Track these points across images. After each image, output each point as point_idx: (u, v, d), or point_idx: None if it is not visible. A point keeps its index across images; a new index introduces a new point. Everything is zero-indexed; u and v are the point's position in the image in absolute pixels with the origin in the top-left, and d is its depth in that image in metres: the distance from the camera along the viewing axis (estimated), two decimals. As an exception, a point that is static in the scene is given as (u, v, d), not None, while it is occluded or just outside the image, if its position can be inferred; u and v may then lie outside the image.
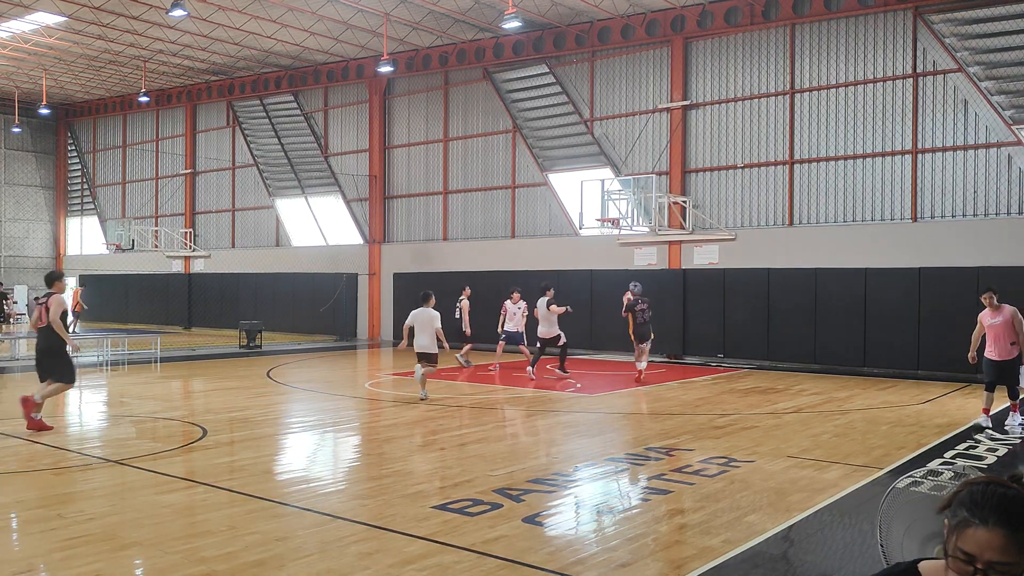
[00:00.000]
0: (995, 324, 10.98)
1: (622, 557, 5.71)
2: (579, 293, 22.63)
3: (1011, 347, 10.90)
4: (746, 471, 8.38)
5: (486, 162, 26.19)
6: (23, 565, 5.48)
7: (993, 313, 11.04)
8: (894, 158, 19.25)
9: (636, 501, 7.48)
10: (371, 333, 28.45)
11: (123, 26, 25.29)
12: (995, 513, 1.86)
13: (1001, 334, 10.93)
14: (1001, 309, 11.00)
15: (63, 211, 40.48)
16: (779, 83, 20.75)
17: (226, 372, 17.84)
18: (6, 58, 29.50)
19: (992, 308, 11.05)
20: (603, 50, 23.47)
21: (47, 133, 39.92)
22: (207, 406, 13.07)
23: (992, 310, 11.05)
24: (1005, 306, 11.05)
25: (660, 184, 21.65)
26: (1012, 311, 10.96)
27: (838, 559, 5.90)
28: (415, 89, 27.78)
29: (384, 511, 6.80)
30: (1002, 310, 10.99)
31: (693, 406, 13.24)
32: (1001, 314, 10.96)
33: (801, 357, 19.44)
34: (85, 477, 8.10)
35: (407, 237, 28.23)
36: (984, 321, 11.12)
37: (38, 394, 10.46)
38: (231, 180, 33.35)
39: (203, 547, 5.78)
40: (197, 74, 31.98)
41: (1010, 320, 10.89)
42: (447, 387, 15.21)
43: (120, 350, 20.96)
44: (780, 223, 20.78)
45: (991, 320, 11.03)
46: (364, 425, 11.76)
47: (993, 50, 18.08)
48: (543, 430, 11.20)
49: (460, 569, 5.38)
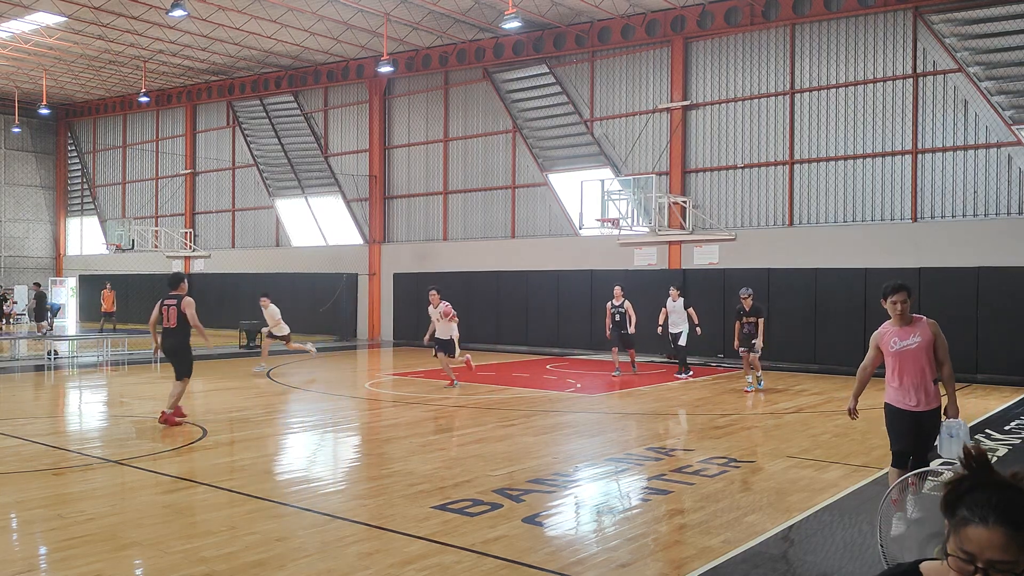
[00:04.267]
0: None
1: (622, 557, 5.71)
2: (579, 293, 22.65)
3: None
4: (746, 471, 8.38)
5: (486, 162, 26.19)
6: (23, 565, 5.48)
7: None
8: (894, 158, 19.25)
9: (636, 501, 7.48)
10: (371, 333, 28.44)
11: (123, 26, 25.29)
12: (995, 512, 1.86)
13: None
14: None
15: (63, 211, 40.48)
16: (779, 83, 20.75)
17: (226, 372, 17.84)
18: (6, 58, 29.50)
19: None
20: (603, 50, 23.47)
21: (47, 133, 39.92)
22: (207, 406, 13.06)
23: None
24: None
25: (660, 184, 21.65)
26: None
27: (838, 559, 5.90)
28: (415, 89, 27.78)
29: (384, 511, 6.79)
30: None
31: (693, 406, 13.24)
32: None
33: (801, 357, 19.43)
34: (85, 477, 8.10)
35: (407, 237, 28.23)
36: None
37: (168, 406, 10.96)
38: (231, 180, 33.35)
39: (203, 547, 5.78)
40: (197, 74, 31.98)
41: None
42: (447, 387, 15.19)
43: (120, 350, 20.96)
44: (780, 223, 20.78)
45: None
46: (364, 425, 11.76)
47: (993, 50, 18.08)
48: (543, 430, 11.19)
49: (460, 569, 5.38)
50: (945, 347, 6.44)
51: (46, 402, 14.26)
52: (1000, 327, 17.03)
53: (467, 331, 23.81)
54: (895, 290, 6.31)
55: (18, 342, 20.81)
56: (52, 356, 19.87)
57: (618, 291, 17.25)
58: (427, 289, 16.17)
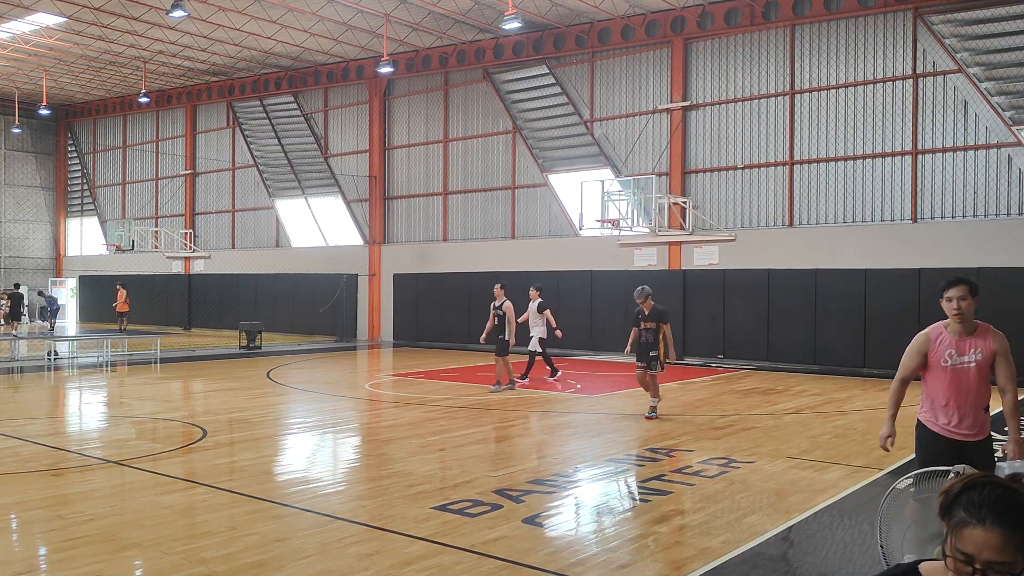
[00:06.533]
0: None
1: (622, 558, 5.71)
2: (579, 294, 22.64)
3: None
4: (746, 472, 8.38)
5: (486, 163, 26.20)
6: (23, 566, 5.48)
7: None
8: (894, 159, 19.25)
9: (636, 502, 7.48)
10: (371, 334, 28.44)
11: (123, 27, 25.29)
12: (992, 513, 1.87)
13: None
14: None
15: (63, 212, 40.47)
16: (779, 84, 20.75)
17: (226, 373, 17.84)
18: (6, 59, 29.51)
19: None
20: (603, 51, 23.47)
21: (47, 134, 39.92)
22: (207, 407, 13.06)
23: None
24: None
25: (660, 185, 21.66)
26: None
27: (838, 560, 5.90)
28: (415, 90, 27.78)
29: (384, 512, 6.80)
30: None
31: (693, 407, 13.24)
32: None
33: (801, 358, 19.43)
34: (85, 478, 8.10)
35: (407, 238, 28.23)
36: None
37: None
38: (231, 181, 33.35)
39: (203, 548, 5.78)
40: (197, 75, 31.98)
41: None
42: (447, 388, 15.20)
43: (120, 351, 20.96)
44: (780, 224, 20.78)
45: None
46: (364, 426, 11.76)
47: (993, 51, 18.08)
48: (543, 431, 11.19)
49: (460, 570, 5.38)
50: (1011, 371, 4.91)
51: (46, 402, 14.25)
52: (1000, 327, 16.84)
53: (468, 332, 23.82)
54: (952, 284, 4.82)
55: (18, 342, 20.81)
56: (52, 356, 19.87)
57: (498, 290, 15.01)
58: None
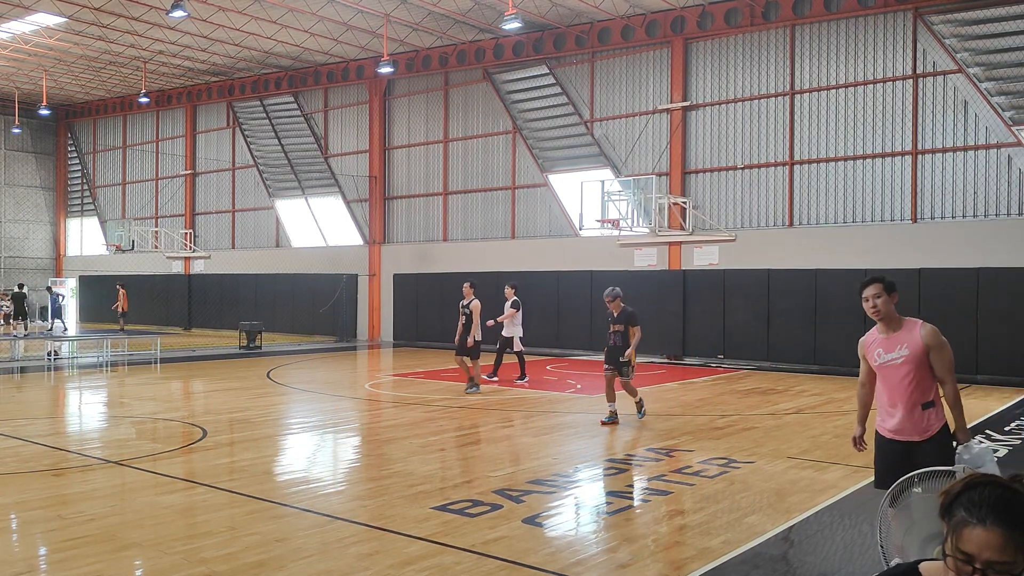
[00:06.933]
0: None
1: (622, 558, 5.71)
2: (579, 294, 22.63)
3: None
4: (746, 472, 8.38)
5: (486, 163, 26.20)
6: (23, 566, 5.48)
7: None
8: (894, 159, 19.26)
9: (636, 502, 7.48)
10: (371, 334, 28.44)
11: (123, 27, 25.30)
12: (992, 512, 1.87)
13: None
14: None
15: (63, 212, 40.48)
16: (779, 84, 20.75)
17: (226, 373, 17.84)
18: (6, 59, 29.51)
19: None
20: (603, 51, 23.48)
21: (47, 134, 39.92)
22: (207, 407, 13.07)
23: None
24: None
25: (660, 185, 21.66)
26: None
27: (838, 560, 5.90)
28: (415, 90, 27.78)
29: (384, 512, 6.80)
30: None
31: (693, 407, 13.24)
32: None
33: (801, 358, 19.43)
34: (85, 478, 8.10)
35: (407, 238, 28.24)
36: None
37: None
38: (231, 181, 33.36)
39: (203, 548, 5.78)
40: (197, 75, 31.99)
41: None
42: (447, 388, 15.20)
43: (120, 351, 20.96)
44: (780, 224, 20.79)
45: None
46: (364, 426, 11.76)
47: (993, 51, 18.09)
48: (543, 431, 11.19)
49: (460, 570, 5.38)
50: (946, 361, 4.98)
51: (46, 403, 14.25)
52: (1000, 327, 17.03)
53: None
54: (867, 283, 4.96)
55: (17, 342, 20.82)
56: (52, 356, 19.87)
57: (467, 288, 14.71)
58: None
